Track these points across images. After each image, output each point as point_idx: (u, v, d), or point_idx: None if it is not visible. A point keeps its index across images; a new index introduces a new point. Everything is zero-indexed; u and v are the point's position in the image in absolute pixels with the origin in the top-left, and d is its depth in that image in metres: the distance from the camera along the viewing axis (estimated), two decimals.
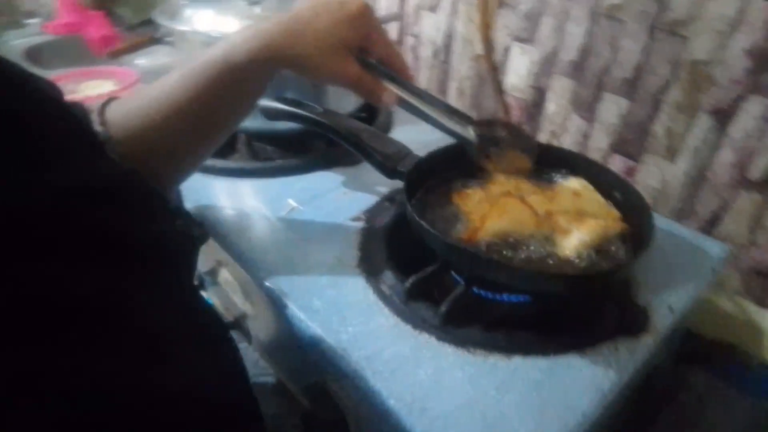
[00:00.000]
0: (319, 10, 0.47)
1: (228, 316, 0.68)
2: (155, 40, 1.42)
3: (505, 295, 0.51)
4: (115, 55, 1.30)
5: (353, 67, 0.48)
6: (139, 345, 0.28)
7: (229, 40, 0.46)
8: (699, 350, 0.76)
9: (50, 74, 1.14)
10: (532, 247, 0.49)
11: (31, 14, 1.71)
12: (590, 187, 0.59)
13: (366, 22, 0.48)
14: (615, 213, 0.55)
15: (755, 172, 0.66)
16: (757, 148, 0.65)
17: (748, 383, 0.72)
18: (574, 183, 0.59)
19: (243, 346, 0.69)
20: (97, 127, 0.40)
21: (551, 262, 0.48)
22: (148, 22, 1.86)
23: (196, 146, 0.48)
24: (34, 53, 1.45)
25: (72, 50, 1.52)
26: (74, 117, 0.38)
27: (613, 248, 0.51)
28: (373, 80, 0.50)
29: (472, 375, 0.45)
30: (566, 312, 0.51)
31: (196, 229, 0.40)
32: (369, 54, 0.51)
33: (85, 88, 1.16)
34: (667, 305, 0.53)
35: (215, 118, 0.47)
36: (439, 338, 0.48)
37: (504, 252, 0.48)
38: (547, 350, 0.47)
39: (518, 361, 0.46)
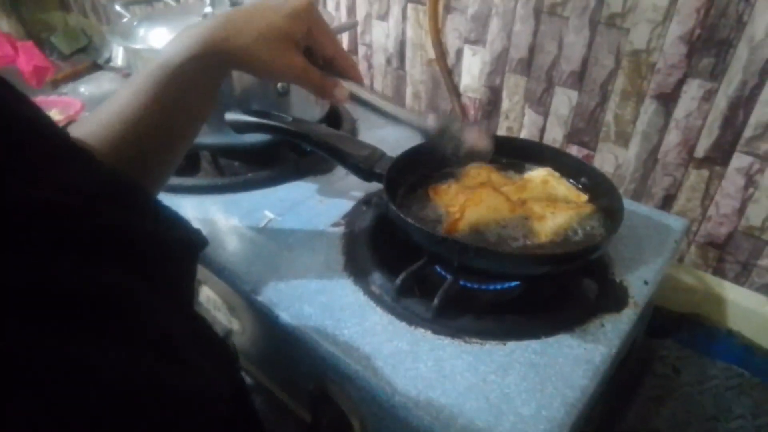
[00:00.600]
0: (262, 5, 0.47)
1: None
2: (97, 67, 1.38)
3: (491, 285, 0.53)
4: (57, 84, 1.24)
5: (298, 60, 0.48)
6: (151, 343, 0.28)
7: (170, 44, 0.45)
8: (667, 323, 0.81)
9: None
10: (510, 235, 0.51)
11: None
12: (556, 175, 0.61)
13: (310, 16, 0.48)
14: (583, 196, 0.58)
15: (700, 150, 0.71)
16: (700, 127, 0.70)
17: (717, 350, 0.77)
18: (541, 172, 0.62)
19: None
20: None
21: (531, 244, 0.50)
22: (83, 50, 1.80)
23: (159, 155, 0.47)
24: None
25: None
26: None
27: (587, 228, 0.54)
28: (321, 74, 0.50)
29: (470, 363, 0.46)
30: (550, 294, 0.53)
31: (196, 235, 0.39)
32: (315, 53, 0.50)
33: None
34: (642, 279, 0.56)
35: (169, 123, 0.46)
36: (435, 331, 0.48)
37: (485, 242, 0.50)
38: (538, 332, 0.48)
39: (513, 346, 0.47)
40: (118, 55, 1.14)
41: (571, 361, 0.46)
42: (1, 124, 0.26)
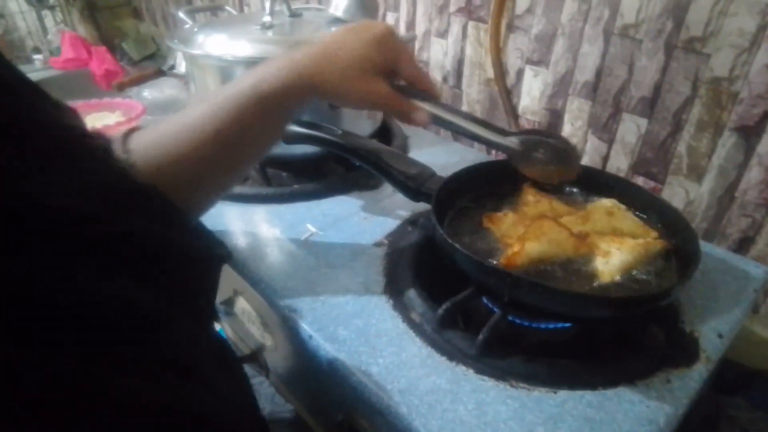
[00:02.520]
0: (346, 36, 0.47)
1: (244, 349, 0.65)
2: (161, 73, 1.42)
3: (543, 324, 0.48)
4: (122, 87, 1.29)
5: (383, 88, 0.48)
6: (170, 361, 0.27)
7: (257, 71, 0.45)
8: (737, 379, 0.73)
9: None
10: (572, 271, 0.47)
11: (37, 50, 1.72)
12: (621, 207, 0.56)
13: (392, 43, 0.48)
14: (652, 231, 0.53)
15: None
16: None
17: None
18: (606, 203, 0.57)
19: (258, 380, 0.65)
20: (121, 155, 0.39)
21: (594, 285, 0.45)
22: (152, 57, 1.89)
23: (219, 177, 0.47)
24: (42, 87, 1.45)
25: (78, 84, 1.53)
26: (96, 141, 0.37)
27: (656, 269, 0.48)
28: (404, 99, 0.50)
29: (516, 410, 0.41)
30: (610, 338, 0.48)
31: (219, 247, 0.38)
32: (397, 76, 0.51)
33: (92, 119, 1.15)
34: (716, 332, 0.49)
35: (241, 149, 0.46)
36: (478, 371, 0.44)
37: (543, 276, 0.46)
38: (595, 382, 0.43)
39: (565, 395, 0.43)
40: (182, 63, 1.17)
41: (631, 420, 0.41)
42: (21, 131, 0.25)
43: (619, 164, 0.81)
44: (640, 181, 0.79)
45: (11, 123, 0.25)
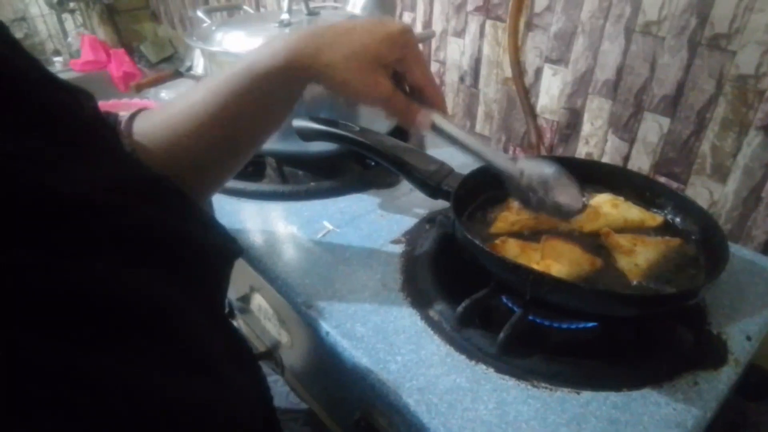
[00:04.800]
0: (357, 24, 0.45)
1: (259, 346, 0.65)
2: (178, 74, 1.44)
3: (566, 324, 0.47)
4: (140, 89, 1.30)
5: (385, 85, 0.45)
6: (186, 356, 0.26)
7: (255, 50, 0.44)
8: (763, 384, 0.71)
9: None
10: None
11: (57, 53, 1.75)
12: (621, 199, 0.56)
13: (404, 42, 0.45)
14: (658, 217, 0.53)
15: None
16: None
17: None
18: (605, 197, 0.56)
19: (273, 379, 0.65)
20: (124, 138, 0.39)
21: (617, 282, 0.44)
22: (169, 59, 1.90)
23: (224, 159, 0.46)
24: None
25: (97, 85, 1.55)
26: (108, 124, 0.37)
27: (681, 266, 0.47)
28: (406, 100, 0.47)
29: (538, 410, 0.40)
30: (635, 340, 0.46)
31: (232, 242, 0.38)
32: (404, 80, 0.48)
33: None
34: (744, 334, 0.48)
35: (242, 129, 0.45)
36: (499, 370, 0.43)
37: None
38: (619, 384, 0.42)
39: (589, 396, 0.42)
40: (199, 64, 1.18)
41: (657, 422, 0.40)
42: (38, 120, 0.25)
43: (640, 164, 0.79)
44: (661, 181, 0.77)
45: (28, 112, 0.25)
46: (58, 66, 1.66)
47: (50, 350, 0.20)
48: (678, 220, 0.54)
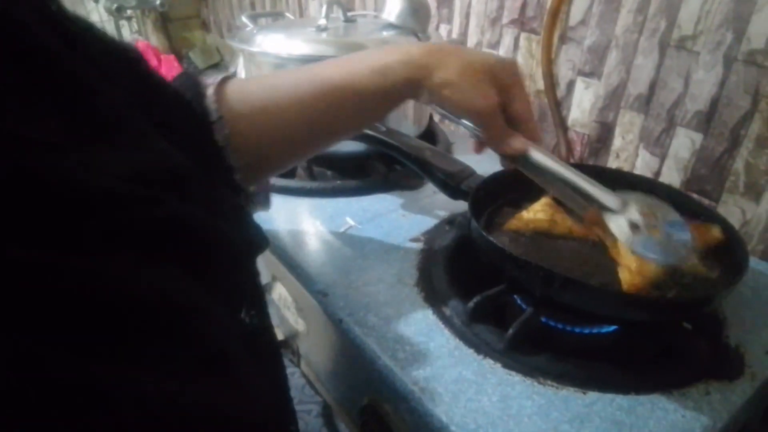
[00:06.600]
0: (469, 49, 0.46)
1: (278, 335, 0.66)
2: None
3: (577, 327, 0.47)
4: None
5: (493, 97, 0.44)
6: (202, 360, 0.24)
7: (368, 53, 0.44)
8: None
9: None
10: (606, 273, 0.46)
11: None
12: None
13: (514, 72, 0.46)
14: None
15: None
16: None
17: None
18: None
19: (290, 371, 0.66)
20: (211, 105, 0.38)
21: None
22: (215, 66, 1.99)
23: (307, 143, 0.46)
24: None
25: None
26: (172, 92, 0.36)
27: (697, 274, 0.46)
28: (505, 124, 0.46)
29: (541, 406, 0.41)
30: (647, 346, 0.46)
31: (259, 235, 0.37)
32: (506, 108, 0.46)
33: None
34: (764, 349, 0.47)
35: (334, 124, 0.45)
36: (505, 365, 0.44)
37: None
38: (627, 387, 0.42)
39: (594, 396, 0.41)
40: (242, 71, 1.24)
41: (664, 428, 0.39)
42: (68, 101, 0.23)
43: (671, 180, 0.78)
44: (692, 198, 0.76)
45: (53, 89, 0.23)
46: None
47: (61, 356, 0.18)
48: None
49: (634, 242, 0.43)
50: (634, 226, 0.44)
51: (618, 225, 0.44)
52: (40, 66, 0.23)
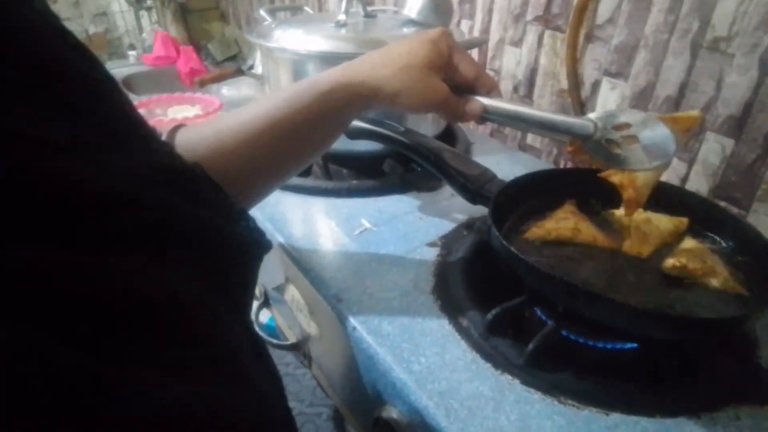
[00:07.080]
0: (402, 42, 0.48)
1: (290, 337, 0.66)
2: (240, 72, 1.50)
3: (601, 342, 0.45)
4: (203, 84, 1.37)
5: (441, 86, 0.47)
6: (214, 360, 0.25)
7: (317, 78, 0.46)
8: None
9: (144, 98, 1.24)
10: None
11: (132, 47, 1.87)
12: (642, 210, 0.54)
13: (447, 43, 0.48)
14: (684, 219, 0.53)
15: None
16: None
17: None
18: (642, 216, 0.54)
19: (302, 372, 0.65)
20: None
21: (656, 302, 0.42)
22: (233, 58, 1.98)
23: (269, 175, 0.47)
24: (133, 80, 1.60)
25: (165, 79, 1.64)
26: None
27: (737, 294, 0.44)
28: (459, 97, 0.48)
29: (562, 427, 0.39)
30: (674, 366, 0.44)
31: (261, 236, 0.36)
32: (455, 76, 0.49)
33: (173, 111, 1.23)
34: None
35: (293, 146, 0.46)
36: (524, 382, 0.42)
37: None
38: (653, 409, 0.40)
39: (618, 418, 0.40)
40: (259, 64, 1.23)
41: None
42: (76, 105, 0.23)
43: (699, 187, 0.75)
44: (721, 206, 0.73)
45: (57, 91, 0.23)
46: (131, 59, 1.76)
47: (70, 356, 0.18)
48: (733, 249, 0.51)
49: (618, 160, 0.44)
50: (614, 144, 0.44)
51: (598, 149, 0.44)
52: (48, 67, 0.23)
